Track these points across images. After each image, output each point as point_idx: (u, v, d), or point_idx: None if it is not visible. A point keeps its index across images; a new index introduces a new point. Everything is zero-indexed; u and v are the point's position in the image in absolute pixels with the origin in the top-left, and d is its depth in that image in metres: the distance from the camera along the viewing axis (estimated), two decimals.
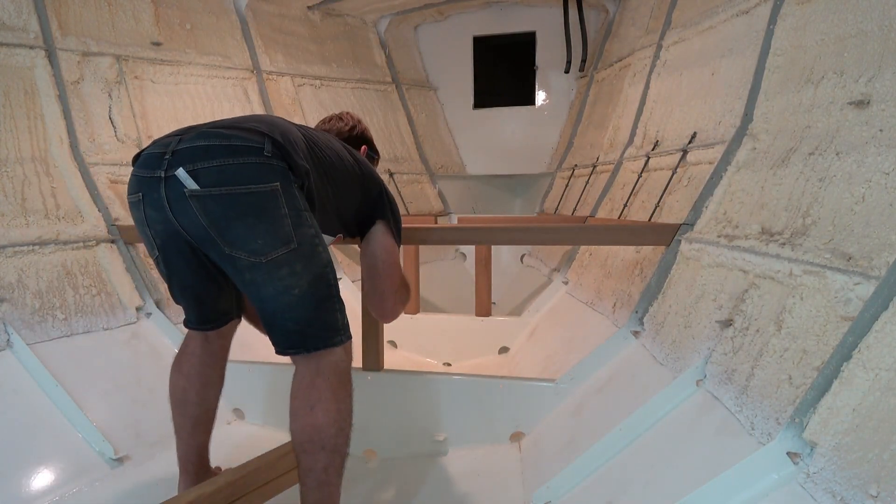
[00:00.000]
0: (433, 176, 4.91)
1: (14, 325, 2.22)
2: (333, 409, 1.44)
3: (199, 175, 1.37)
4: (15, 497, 1.81)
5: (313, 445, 1.42)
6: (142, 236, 1.57)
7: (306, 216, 1.46)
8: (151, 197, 1.44)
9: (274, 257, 1.40)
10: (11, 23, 2.73)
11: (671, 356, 1.77)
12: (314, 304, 1.46)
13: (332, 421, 1.43)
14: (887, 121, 1.35)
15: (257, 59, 3.92)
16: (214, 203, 1.38)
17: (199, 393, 1.70)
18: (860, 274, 1.18)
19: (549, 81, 5.00)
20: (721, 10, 2.54)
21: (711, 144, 2.25)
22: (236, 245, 1.40)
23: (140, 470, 2.04)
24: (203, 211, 1.38)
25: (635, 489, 1.45)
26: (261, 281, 1.42)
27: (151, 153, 1.46)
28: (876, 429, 0.96)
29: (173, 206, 1.41)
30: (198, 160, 1.38)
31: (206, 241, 1.43)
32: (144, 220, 1.49)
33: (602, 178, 3.49)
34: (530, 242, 3.82)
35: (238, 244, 1.40)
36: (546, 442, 2.02)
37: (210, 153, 1.38)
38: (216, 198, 1.38)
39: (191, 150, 1.40)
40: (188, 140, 1.42)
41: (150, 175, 1.43)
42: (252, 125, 1.46)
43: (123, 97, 3.10)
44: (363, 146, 2.10)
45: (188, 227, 1.42)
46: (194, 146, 1.40)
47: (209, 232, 1.40)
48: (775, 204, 1.63)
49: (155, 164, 1.42)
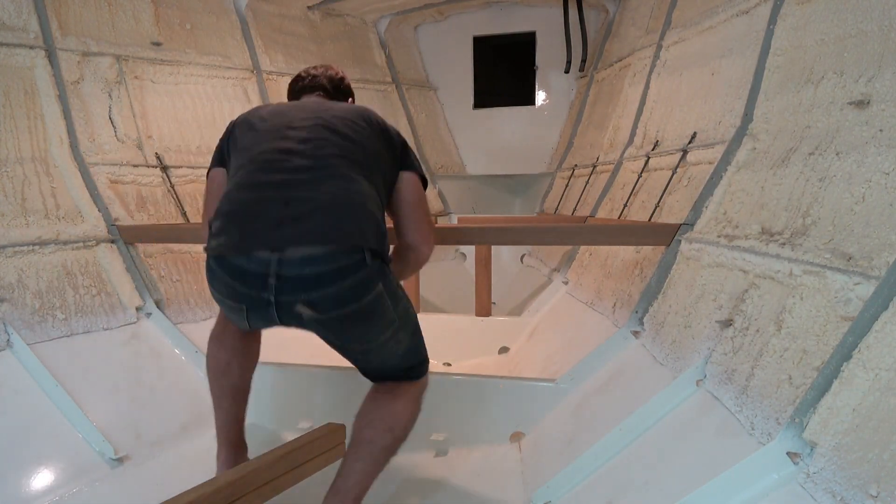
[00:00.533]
0: (433, 176, 4.91)
1: (14, 325, 2.22)
2: (412, 408, 1.65)
3: (315, 304, 1.46)
4: (15, 497, 1.81)
5: (384, 424, 1.58)
6: (226, 308, 1.64)
7: (397, 287, 1.63)
8: (259, 312, 1.52)
9: (381, 340, 1.58)
10: (11, 23, 2.73)
11: (671, 356, 1.77)
12: (414, 351, 1.69)
13: (409, 416, 1.63)
14: (887, 121, 1.35)
15: (257, 59, 3.92)
16: (331, 323, 1.51)
17: (241, 365, 1.79)
18: (860, 274, 1.18)
19: (549, 81, 5.00)
20: (721, 10, 2.54)
21: (711, 144, 2.25)
22: (347, 343, 1.59)
23: (140, 470, 2.04)
24: (318, 326, 1.52)
25: (635, 489, 1.45)
26: (369, 357, 1.63)
27: (250, 270, 1.45)
28: (876, 429, 0.96)
29: (283, 318, 1.51)
30: (311, 289, 1.44)
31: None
32: (246, 319, 1.57)
33: (602, 178, 3.49)
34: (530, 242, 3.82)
35: (350, 343, 1.59)
36: (546, 442, 2.02)
37: (321, 281, 1.44)
38: (333, 319, 1.50)
39: (301, 280, 1.43)
40: (291, 265, 1.42)
41: (255, 295, 1.47)
42: (342, 228, 1.47)
43: (123, 97, 3.10)
44: (350, 98, 2.07)
45: (296, 326, 1.55)
46: (303, 275, 1.43)
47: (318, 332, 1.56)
48: (775, 204, 1.63)
49: (259, 286, 1.45)
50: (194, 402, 2.41)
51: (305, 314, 1.46)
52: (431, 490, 1.91)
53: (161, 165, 3.11)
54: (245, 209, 1.51)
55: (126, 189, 2.92)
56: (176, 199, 3.09)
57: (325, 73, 2.00)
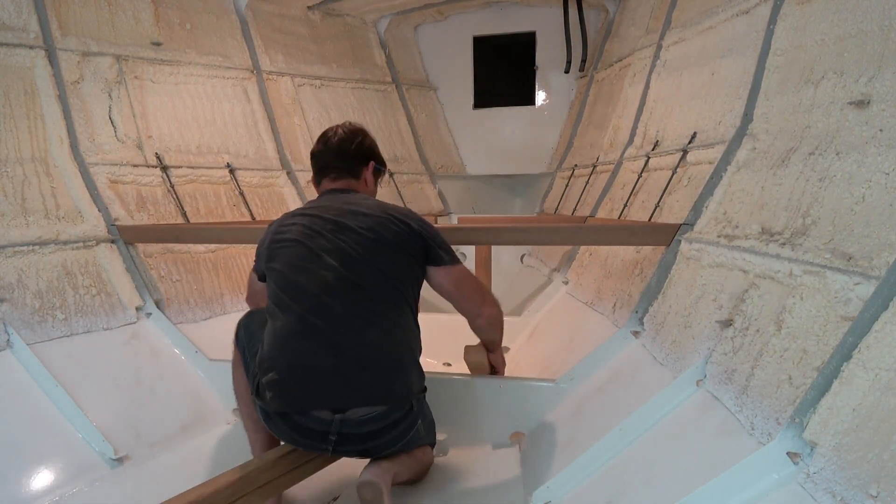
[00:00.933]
0: (433, 176, 4.91)
1: (14, 325, 2.22)
2: (422, 457, 1.88)
3: (369, 451, 1.70)
4: (15, 497, 1.81)
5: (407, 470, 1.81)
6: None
7: (427, 408, 1.84)
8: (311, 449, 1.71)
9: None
10: (11, 23, 2.73)
11: (671, 356, 1.77)
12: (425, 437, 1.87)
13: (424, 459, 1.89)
14: (887, 121, 1.35)
15: (257, 59, 3.92)
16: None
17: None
18: (860, 274, 1.18)
19: (549, 81, 5.00)
20: (721, 10, 2.54)
21: (711, 144, 2.25)
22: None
23: (140, 470, 2.04)
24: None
25: (635, 489, 1.45)
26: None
27: (312, 428, 1.63)
28: (876, 429, 0.96)
29: (333, 455, 1.72)
30: (367, 441, 1.66)
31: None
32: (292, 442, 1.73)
33: (602, 178, 3.49)
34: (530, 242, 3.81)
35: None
36: (546, 442, 2.02)
37: (377, 435, 1.66)
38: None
39: (359, 436, 1.65)
40: (351, 425, 1.63)
41: (313, 445, 1.67)
42: (393, 387, 1.68)
43: (123, 97, 3.10)
44: (370, 162, 2.03)
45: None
46: (362, 433, 1.64)
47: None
48: (775, 204, 1.63)
49: (319, 439, 1.64)
50: (194, 402, 2.41)
51: (355, 454, 1.73)
52: (431, 490, 1.91)
53: (161, 165, 3.11)
54: (297, 365, 1.64)
55: (126, 189, 2.92)
56: (176, 199, 3.09)
57: (339, 146, 1.98)
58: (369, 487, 1.61)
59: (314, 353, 1.64)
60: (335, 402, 1.63)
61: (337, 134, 2.00)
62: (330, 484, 1.91)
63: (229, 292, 3.05)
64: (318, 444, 1.66)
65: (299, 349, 1.66)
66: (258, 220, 3.41)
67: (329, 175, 1.98)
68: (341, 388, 1.63)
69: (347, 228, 1.76)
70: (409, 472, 1.86)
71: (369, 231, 1.76)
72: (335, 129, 2.02)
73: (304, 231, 1.78)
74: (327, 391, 1.63)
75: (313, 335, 1.66)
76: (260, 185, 3.61)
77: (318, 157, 2.01)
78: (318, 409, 1.62)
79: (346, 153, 1.98)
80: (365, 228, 1.76)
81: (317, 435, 1.64)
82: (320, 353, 1.64)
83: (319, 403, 1.63)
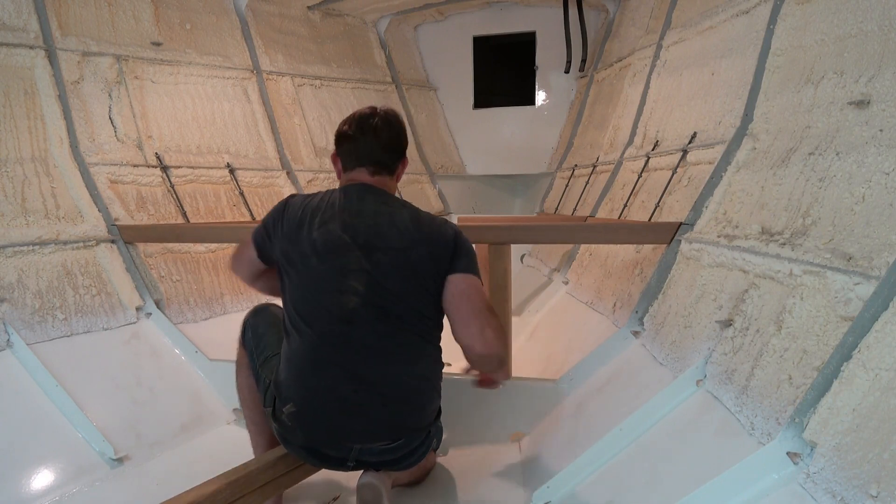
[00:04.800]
0: (433, 176, 4.91)
1: (14, 325, 2.22)
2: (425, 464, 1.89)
3: (385, 467, 1.70)
4: (15, 497, 1.81)
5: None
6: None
7: (439, 425, 1.82)
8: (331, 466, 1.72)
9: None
10: (11, 23, 2.73)
11: (671, 356, 1.77)
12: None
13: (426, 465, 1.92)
14: (887, 121, 1.35)
15: (257, 59, 3.92)
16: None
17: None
18: (860, 274, 1.18)
19: (549, 81, 5.00)
20: (721, 10, 2.54)
21: (711, 144, 2.25)
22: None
23: (140, 470, 2.04)
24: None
25: (635, 489, 1.45)
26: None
27: (332, 456, 1.65)
28: (876, 429, 0.96)
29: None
30: (385, 463, 1.67)
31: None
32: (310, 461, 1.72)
33: (602, 178, 3.49)
34: (530, 241, 3.81)
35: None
36: (546, 442, 2.02)
37: (395, 462, 1.67)
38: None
39: (378, 463, 1.67)
40: (370, 454, 1.63)
41: (332, 468, 1.71)
42: (410, 422, 1.67)
43: (123, 97, 3.10)
44: (405, 157, 1.81)
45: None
46: (382, 461, 1.66)
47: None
48: (775, 204, 1.63)
49: (338, 464, 1.67)
50: (194, 402, 2.41)
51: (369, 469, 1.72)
52: (432, 490, 1.91)
53: (161, 165, 3.11)
54: (317, 397, 1.60)
55: (126, 189, 2.92)
56: (176, 199, 3.08)
57: (388, 137, 1.74)
58: (369, 488, 1.61)
59: (333, 384, 1.57)
60: (356, 438, 1.60)
61: (385, 120, 1.74)
62: (330, 484, 1.92)
63: (229, 292, 3.06)
64: (337, 468, 1.69)
65: (317, 380, 1.58)
66: (258, 220, 3.41)
67: (368, 167, 1.71)
68: (363, 424, 1.60)
69: (377, 249, 1.59)
70: (411, 476, 1.87)
71: (401, 253, 1.59)
72: (375, 112, 1.75)
73: (332, 244, 1.59)
74: (348, 426, 1.59)
75: (331, 365, 1.57)
76: (260, 184, 3.61)
77: (359, 144, 1.72)
78: (339, 442, 1.62)
79: (392, 147, 1.75)
80: (396, 250, 1.59)
81: (335, 461, 1.66)
82: (340, 384, 1.57)
83: (340, 438, 1.61)
